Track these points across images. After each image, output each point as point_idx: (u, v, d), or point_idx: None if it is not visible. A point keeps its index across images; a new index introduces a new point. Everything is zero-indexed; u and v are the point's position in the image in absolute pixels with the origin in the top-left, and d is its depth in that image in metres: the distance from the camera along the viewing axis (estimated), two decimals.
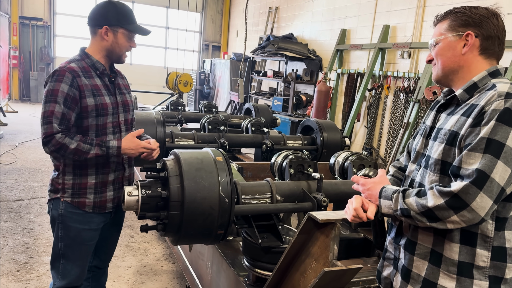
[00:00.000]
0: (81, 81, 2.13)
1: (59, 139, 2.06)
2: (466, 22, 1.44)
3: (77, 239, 2.25)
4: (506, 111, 1.28)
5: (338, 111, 8.49)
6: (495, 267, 1.35)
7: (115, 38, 2.22)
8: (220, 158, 2.15)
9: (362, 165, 2.70)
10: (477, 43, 1.43)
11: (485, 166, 1.25)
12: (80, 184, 2.20)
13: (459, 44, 1.45)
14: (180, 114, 5.26)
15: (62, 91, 2.08)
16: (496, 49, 1.45)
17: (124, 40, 2.24)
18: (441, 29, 1.50)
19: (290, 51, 9.14)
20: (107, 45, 2.23)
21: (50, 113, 2.07)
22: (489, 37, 1.43)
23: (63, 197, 2.20)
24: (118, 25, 2.20)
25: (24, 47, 13.99)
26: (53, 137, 2.06)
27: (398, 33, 7.29)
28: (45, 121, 2.08)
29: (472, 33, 1.42)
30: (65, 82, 2.09)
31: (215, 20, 16.18)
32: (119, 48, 2.24)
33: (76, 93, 2.11)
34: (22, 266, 3.58)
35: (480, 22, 1.42)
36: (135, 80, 14.06)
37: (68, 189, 2.20)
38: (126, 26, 2.22)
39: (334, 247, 1.57)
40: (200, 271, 2.99)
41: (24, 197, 5.25)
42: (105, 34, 2.21)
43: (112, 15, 2.20)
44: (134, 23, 2.26)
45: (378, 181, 1.55)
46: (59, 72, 2.11)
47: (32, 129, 9.53)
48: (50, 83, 2.10)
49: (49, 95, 2.09)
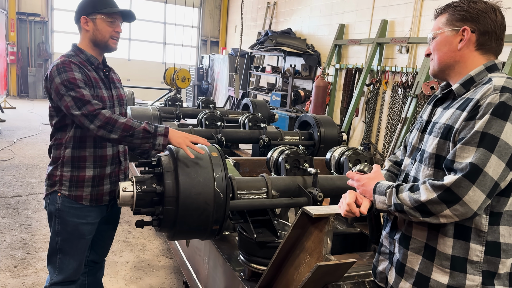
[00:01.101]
0: (84, 72, 2.16)
1: (107, 113, 2.04)
2: (464, 16, 1.42)
3: (75, 233, 2.25)
4: (501, 105, 1.27)
5: (337, 106, 8.48)
6: (488, 262, 1.35)
7: (95, 25, 2.21)
8: (215, 154, 2.15)
9: (358, 160, 2.70)
10: (474, 38, 1.42)
11: (478, 159, 1.24)
12: (78, 176, 2.20)
13: (455, 39, 1.44)
14: (178, 109, 5.24)
15: (79, 78, 2.09)
16: (493, 44, 1.43)
17: (104, 25, 2.21)
18: (439, 23, 1.49)
19: (289, 46, 9.11)
20: (90, 35, 2.23)
21: (82, 96, 2.04)
22: (485, 33, 1.41)
23: (60, 190, 2.20)
24: (94, 11, 2.20)
25: (22, 43, 13.94)
26: (99, 112, 2.03)
27: (396, 28, 7.26)
28: (81, 104, 2.04)
29: (468, 28, 1.41)
30: (75, 71, 2.10)
31: (214, 15, 16.12)
32: (101, 35, 2.22)
33: (88, 80, 2.14)
34: (20, 262, 3.58)
35: (478, 17, 1.40)
36: (133, 76, 14.03)
37: (65, 181, 2.20)
38: (102, 11, 2.20)
39: (328, 242, 1.56)
40: (197, 266, 2.99)
41: (22, 193, 5.25)
42: (85, 24, 2.21)
43: (87, 4, 2.22)
44: (111, 7, 2.23)
45: (373, 177, 1.55)
46: (64, 64, 2.12)
47: (30, 125, 9.52)
48: (60, 75, 2.08)
49: (69, 83, 2.06)
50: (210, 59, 13.80)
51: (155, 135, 2.07)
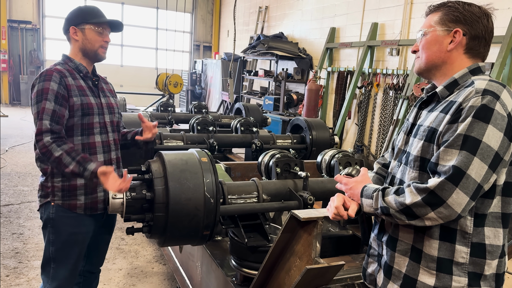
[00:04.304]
0: (68, 80, 2.17)
1: (46, 143, 2.04)
2: (457, 18, 1.42)
3: (69, 242, 2.24)
4: (483, 107, 1.28)
5: (329, 109, 8.51)
6: (474, 263, 1.36)
7: (84, 35, 2.24)
8: (205, 159, 2.15)
9: (348, 162, 2.71)
10: (464, 41, 1.42)
11: (461, 162, 1.26)
12: (70, 185, 2.19)
13: (446, 39, 1.44)
14: (170, 115, 5.24)
15: (52, 89, 2.10)
16: (481, 50, 1.45)
17: (93, 34, 2.24)
18: (431, 20, 1.48)
19: (281, 50, 9.14)
20: (79, 45, 2.26)
21: (42, 110, 2.07)
22: (476, 37, 1.42)
23: (53, 201, 2.19)
24: (83, 22, 2.23)
25: (14, 51, 13.88)
26: (42, 138, 2.04)
27: (386, 30, 7.32)
28: (36, 119, 2.08)
29: (461, 30, 1.41)
30: (53, 81, 2.12)
31: (206, 20, 16.15)
32: (90, 44, 2.25)
33: (65, 92, 2.14)
34: (12, 271, 3.55)
35: (471, 21, 1.41)
36: (126, 82, 14.01)
37: (58, 192, 2.19)
38: (90, 20, 2.23)
39: (317, 245, 1.57)
40: (190, 272, 2.99)
41: (14, 202, 5.22)
42: (74, 34, 2.24)
43: (76, 15, 2.25)
44: (99, 17, 2.26)
45: (360, 180, 1.56)
46: (46, 73, 2.15)
47: (22, 133, 9.46)
48: (38, 83, 2.12)
49: (39, 94, 2.10)
50: (203, 64, 13.82)
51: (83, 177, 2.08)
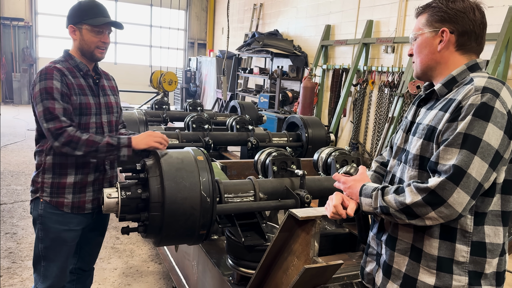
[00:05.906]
0: (67, 79, 2.15)
1: (71, 131, 2.05)
2: (442, 17, 1.41)
3: (57, 240, 2.23)
4: (483, 105, 1.26)
5: (324, 107, 8.51)
6: (474, 262, 1.35)
7: (81, 35, 2.20)
8: (201, 157, 2.13)
9: (345, 160, 2.70)
10: (453, 39, 1.41)
11: (461, 161, 1.24)
12: (59, 183, 2.18)
13: (435, 40, 1.43)
14: (165, 113, 5.21)
15: (56, 88, 2.09)
16: (474, 44, 1.43)
17: (90, 35, 2.20)
18: (419, 23, 1.48)
19: (276, 47, 9.12)
20: (77, 44, 2.24)
21: (53, 109, 2.06)
22: (464, 33, 1.40)
23: (42, 197, 2.19)
24: (81, 21, 2.19)
25: (6, 48, 13.72)
26: (65, 130, 2.05)
27: (381, 28, 7.32)
28: (49, 117, 2.06)
29: (447, 29, 1.40)
30: (55, 79, 2.10)
31: (200, 17, 16.07)
32: (87, 45, 2.21)
33: (67, 90, 2.13)
34: (5, 271, 3.51)
35: (456, 17, 1.39)
36: (120, 80, 13.77)
37: (46, 188, 2.19)
38: (88, 21, 2.18)
39: (315, 244, 1.56)
40: (186, 271, 2.97)
41: (7, 201, 5.16)
42: (73, 33, 2.22)
43: (75, 13, 2.21)
44: (98, 17, 2.20)
45: (359, 179, 1.55)
46: (47, 71, 2.12)
47: (15, 132, 9.37)
48: (40, 82, 2.09)
49: (44, 93, 2.07)
50: (197, 62, 13.75)
51: (119, 147, 2.14)
